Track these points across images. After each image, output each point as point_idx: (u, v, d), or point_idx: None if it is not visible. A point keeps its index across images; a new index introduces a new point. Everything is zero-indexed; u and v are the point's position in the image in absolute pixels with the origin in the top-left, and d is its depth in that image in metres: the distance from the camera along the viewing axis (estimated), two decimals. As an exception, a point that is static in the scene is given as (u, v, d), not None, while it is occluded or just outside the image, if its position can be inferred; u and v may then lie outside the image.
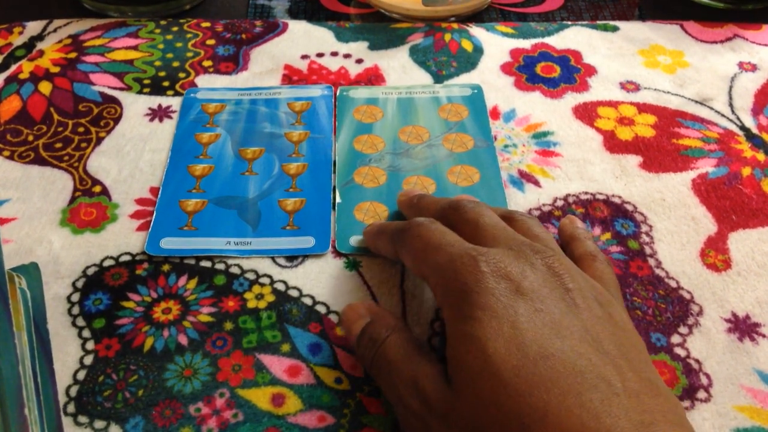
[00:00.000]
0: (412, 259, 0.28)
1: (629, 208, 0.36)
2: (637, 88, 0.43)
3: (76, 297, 0.32)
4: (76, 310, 0.31)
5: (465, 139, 0.40)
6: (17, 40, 0.46)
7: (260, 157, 0.38)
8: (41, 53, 0.45)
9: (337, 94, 0.42)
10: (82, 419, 0.28)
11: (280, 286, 0.32)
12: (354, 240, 0.34)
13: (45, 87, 0.43)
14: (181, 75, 0.44)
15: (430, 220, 0.29)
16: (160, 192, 0.36)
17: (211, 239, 0.34)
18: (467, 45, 0.46)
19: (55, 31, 0.47)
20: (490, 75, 0.44)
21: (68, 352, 0.30)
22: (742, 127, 0.41)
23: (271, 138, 0.40)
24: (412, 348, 0.26)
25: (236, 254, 0.33)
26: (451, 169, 0.38)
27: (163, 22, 0.48)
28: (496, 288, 0.24)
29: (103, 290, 0.32)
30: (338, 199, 0.36)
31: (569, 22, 0.49)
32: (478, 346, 0.23)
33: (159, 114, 0.41)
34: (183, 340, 0.30)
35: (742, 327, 0.31)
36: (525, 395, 0.22)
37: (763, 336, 0.31)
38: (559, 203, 0.36)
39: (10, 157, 0.38)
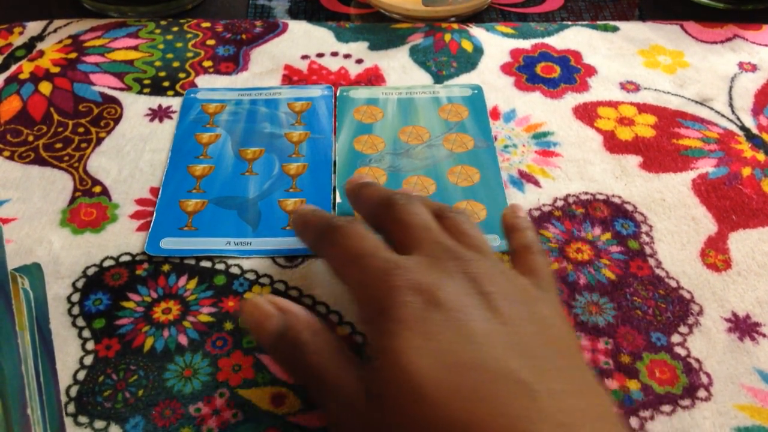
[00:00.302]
0: (333, 268, 0.28)
1: (629, 208, 0.36)
2: (637, 88, 0.43)
3: (76, 297, 0.32)
4: (76, 310, 0.31)
5: (465, 139, 0.40)
6: (17, 40, 0.46)
7: (260, 158, 0.38)
8: (41, 53, 0.45)
9: (337, 94, 0.43)
10: (82, 419, 0.28)
11: (280, 287, 0.32)
12: None
13: (45, 87, 0.43)
14: (182, 75, 0.44)
15: (350, 221, 0.28)
16: (160, 192, 0.36)
17: (211, 239, 0.34)
18: (467, 45, 0.46)
19: (55, 31, 0.47)
20: (490, 75, 0.44)
21: (68, 352, 0.30)
22: (742, 127, 0.41)
23: (272, 138, 0.40)
24: (336, 351, 0.26)
25: (236, 254, 0.33)
26: (451, 170, 0.38)
27: (163, 23, 0.48)
28: (410, 302, 0.24)
29: (103, 290, 0.32)
30: (338, 200, 0.36)
31: (569, 23, 0.49)
32: (395, 359, 0.23)
33: (159, 114, 0.41)
34: (183, 340, 0.30)
35: (743, 326, 0.31)
36: (446, 407, 0.21)
37: (764, 335, 0.31)
38: (559, 203, 0.36)
39: (10, 158, 0.38)
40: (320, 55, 0.46)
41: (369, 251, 0.26)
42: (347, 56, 0.45)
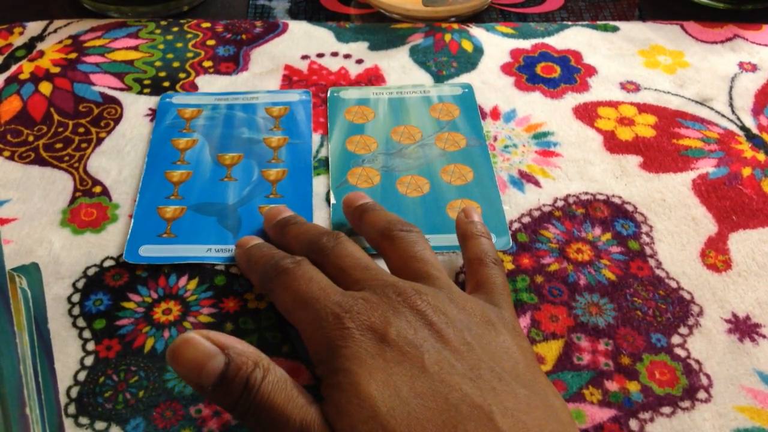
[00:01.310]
0: (282, 310, 0.28)
1: (629, 208, 0.36)
2: (637, 88, 0.43)
3: (76, 297, 0.32)
4: (76, 310, 0.31)
5: (457, 138, 0.40)
6: (17, 40, 0.46)
7: (239, 163, 0.38)
8: (41, 54, 0.45)
9: (328, 95, 0.42)
10: (83, 420, 0.28)
11: (281, 287, 0.32)
12: None
13: (45, 87, 0.43)
14: (182, 75, 0.44)
15: (297, 263, 0.28)
16: (137, 199, 0.36)
17: (191, 246, 0.34)
18: (467, 45, 0.46)
19: (55, 31, 0.47)
20: (490, 75, 0.44)
21: (69, 353, 0.30)
22: (743, 128, 0.41)
23: (250, 143, 0.39)
24: (291, 388, 0.24)
25: (217, 261, 0.33)
26: (444, 168, 0.38)
27: (163, 23, 0.48)
28: (362, 341, 0.25)
29: (103, 291, 0.32)
30: (332, 201, 0.36)
31: (569, 23, 0.49)
32: (354, 391, 0.23)
33: (159, 114, 0.41)
34: (183, 340, 0.30)
35: (743, 327, 0.31)
36: None
37: (764, 336, 0.31)
38: (560, 203, 0.36)
39: (11, 158, 0.38)
40: (320, 56, 0.46)
41: (318, 295, 0.27)
42: (347, 56, 0.45)
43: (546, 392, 0.25)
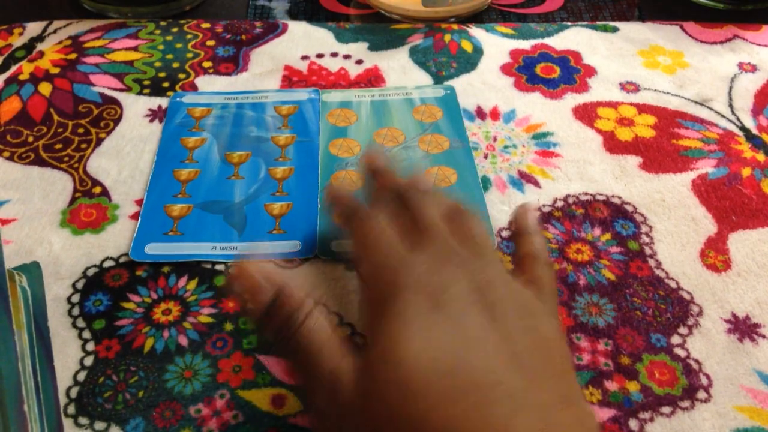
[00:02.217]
0: (352, 251, 0.29)
1: (629, 208, 0.36)
2: (636, 88, 0.43)
3: (76, 298, 0.32)
4: (76, 311, 0.31)
5: (440, 140, 0.40)
6: (17, 41, 0.46)
7: (246, 161, 0.38)
8: (41, 54, 0.45)
9: None
10: (83, 420, 0.28)
11: (280, 287, 0.32)
12: (335, 245, 0.34)
13: (45, 88, 0.43)
14: (181, 76, 0.44)
15: (373, 215, 0.29)
16: (145, 197, 0.36)
17: (197, 244, 0.34)
18: (467, 46, 0.46)
19: (55, 32, 0.47)
20: (489, 75, 0.44)
21: (68, 353, 0.30)
22: (742, 128, 0.41)
23: (258, 142, 0.39)
24: (331, 333, 0.25)
25: (222, 259, 0.33)
26: (428, 171, 0.38)
27: (163, 23, 0.48)
28: (414, 301, 0.25)
29: (103, 291, 0.32)
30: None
31: (569, 23, 0.49)
32: (390, 352, 0.23)
33: (159, 115, 0.41)
34: (183, 341, 0.30)
35: (742, 327, 0.31)
36: (432, 408, 0.22)
37: (763, 336, 0.31)
38: (559, 204, 0.36)
39: (10, 158, 0.38)
40: (320, 56, 0.46)
41: (383, 247, 0.27)
42: (347, 57, 0.45)
43: (579, 396, 0.24)
